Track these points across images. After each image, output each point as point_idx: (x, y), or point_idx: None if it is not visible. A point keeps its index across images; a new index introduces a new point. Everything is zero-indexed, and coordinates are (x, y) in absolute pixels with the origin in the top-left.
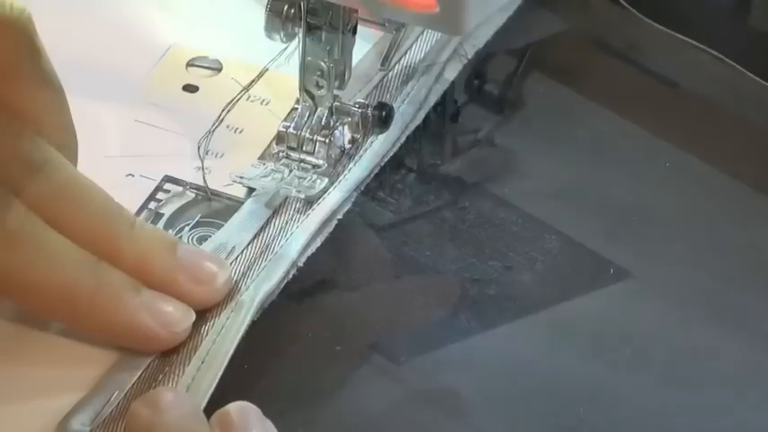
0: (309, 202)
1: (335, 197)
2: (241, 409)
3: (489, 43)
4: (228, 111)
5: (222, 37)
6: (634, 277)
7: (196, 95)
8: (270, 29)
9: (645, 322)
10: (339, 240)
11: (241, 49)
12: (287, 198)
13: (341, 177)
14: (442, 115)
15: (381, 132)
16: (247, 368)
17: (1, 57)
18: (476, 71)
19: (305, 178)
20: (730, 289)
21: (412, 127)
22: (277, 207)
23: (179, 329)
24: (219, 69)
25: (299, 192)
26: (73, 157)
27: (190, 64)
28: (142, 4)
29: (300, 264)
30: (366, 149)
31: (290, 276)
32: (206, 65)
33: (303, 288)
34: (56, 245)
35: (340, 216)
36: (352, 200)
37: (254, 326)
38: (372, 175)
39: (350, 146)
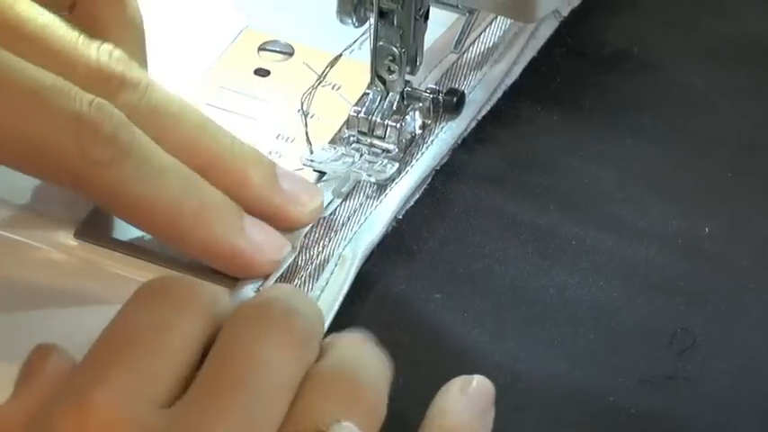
0: (381, 187)
1: (407, 184)
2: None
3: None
4: (310, 98)
5: (294, 21)
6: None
7: (267, 80)
8: (342, 13)
9: None
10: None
11: (313, 34)
12: (358, 183)
13: (412, 162)
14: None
15: (453, 118)
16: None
17: None
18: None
19: (375, 162)
20: None
21: (484, 111)
22: (347, 192)
23: (276, 258)
24: (291, 54)
25: (369, 176)
26: None
27: (262, 48)
28: None
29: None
30: (437, 135)
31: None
32: (278, 49)
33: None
34: (163, 161)
35: (411, 203)
36: (425, 186)
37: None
38: (444, 160)
39: (421, 131)
